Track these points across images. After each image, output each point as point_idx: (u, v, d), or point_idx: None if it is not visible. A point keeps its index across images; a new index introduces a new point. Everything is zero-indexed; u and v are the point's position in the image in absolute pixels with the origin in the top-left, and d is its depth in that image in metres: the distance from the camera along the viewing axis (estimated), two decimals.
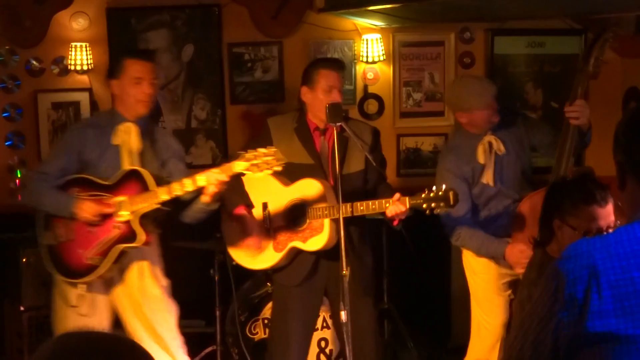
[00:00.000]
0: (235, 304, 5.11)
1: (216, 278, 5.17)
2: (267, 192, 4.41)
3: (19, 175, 5.71)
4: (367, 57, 6.15)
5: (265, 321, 5.11)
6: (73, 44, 5.80)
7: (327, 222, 4.22)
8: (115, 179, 4.16)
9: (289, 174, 4.33)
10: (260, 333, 5.12)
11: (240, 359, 5.10)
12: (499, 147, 4.63)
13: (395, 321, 5.59)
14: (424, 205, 4.07)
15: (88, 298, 4.22)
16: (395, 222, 4.22)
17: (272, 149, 3.89)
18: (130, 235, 4.10)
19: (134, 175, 4.15)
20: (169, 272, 5.87)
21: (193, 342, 5.67)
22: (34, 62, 5.83)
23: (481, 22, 6.24)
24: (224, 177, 3.93)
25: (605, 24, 4.28)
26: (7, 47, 5.79)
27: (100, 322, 4.24)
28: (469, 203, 4.62)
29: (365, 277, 4.49)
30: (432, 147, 6.41)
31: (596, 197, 3.30)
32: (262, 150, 3.88)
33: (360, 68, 6.24)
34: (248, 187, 4.41)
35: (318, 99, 4.31)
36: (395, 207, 4.08)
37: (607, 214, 3.27)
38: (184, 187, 3.99)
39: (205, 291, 5.22)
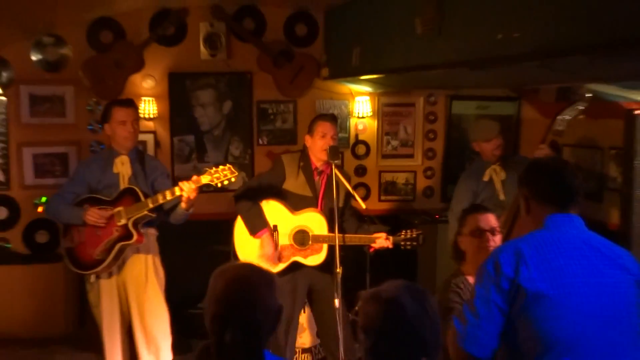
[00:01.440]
0: None
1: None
2: (278, 217, 4.37)
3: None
4: (358, 113, 6.19)
5: None
6: (143, 98, 5.82)
7: (325, 245, 4.22)
8: (114, 196, 4.18)
9: (292, 202, 4.34)
10: None
11: None
12: (500, 174, 4.69)
13: None
14: (402, 243, 4.23)
15: (96, 286, 4.24)
16: (372, 250, 4.27)
17: (228, 166, 4.01)
18: (126, 235, 4.12)
19: (129, 192, 4.17)
20: (200, 267, 5.84)
21: None
22: None
23: (442, 89, 6.26)
24: (194, 187, 3.95)
25: (576, 97, 4.27)
26: (94, 99, 5.82)
27: (110, 310, 4.25)
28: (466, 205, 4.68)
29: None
30: (405, 180, 6.41)
31: (477, 208, 3.33)
32: (221, 167, 3.99)
33: (353, 121, 6.26)
34: (266, 212, 4.37)
35: (315, 143, 4.29)
36: (383, 242, 4.20)
37: (487, 219, 3.21)
38: (165, 197, 4.03)
39: None
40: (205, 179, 3.97)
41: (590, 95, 4.09)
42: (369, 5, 4.86)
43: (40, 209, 5.79)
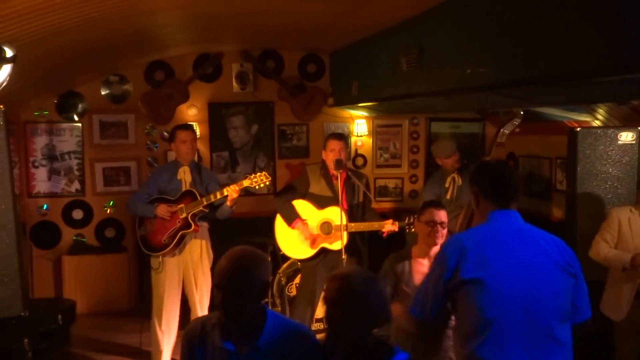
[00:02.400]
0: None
1: (269, 259, 5.11)
2: (307, 213, 4.43)
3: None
4: (357, 132, 6.19)
5: (297, 285, 5.05)
6: (188, 123, 5.85)
7: (345, 233, 4.23)
8: (177, 195, 4.30)
9: (317, 202, 4.40)
10: (293, 292, 5.08)
11: (282, 307, 5.10)
12: (458, 181, 4.77)
13: None
14: (406, 227, 4.24)
15: (162, 263, 4.29)
16: (385, 234, 4.31)
17: (264, 173, 4.21)
18: (186, 226, 4.25)
19: (188, 193, 4.29)
20: None
21: None
22: (165, 134, 5.85)
23: (423, 113, 6.27)
24: (237, 189, 4.13)
25: (513, 115, 4.31)
26: (150, 125, 5.87)
27: (171, 279, 4.33)
28: None
29: (360, 261, 4.53)
30: (394, 185, 6.41)
31: (434, 204, 3.25)
32: (258, 173, 4.20)
33: (353, 139, 6.26)
34: (297, 209, 4.45)
35: (328, 156, 4.35)
36: (390, 227, 4.23)
37: (440, 215, 3.14)
38: (215, 196, 4.18)
39: None
40: (246, 183, 4.18)
41: (522, 112, 4.16)
42: (365, 48, 4.91)
43: (108, 211, 5.88)
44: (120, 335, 5.18)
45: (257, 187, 4.22)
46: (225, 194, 4.15)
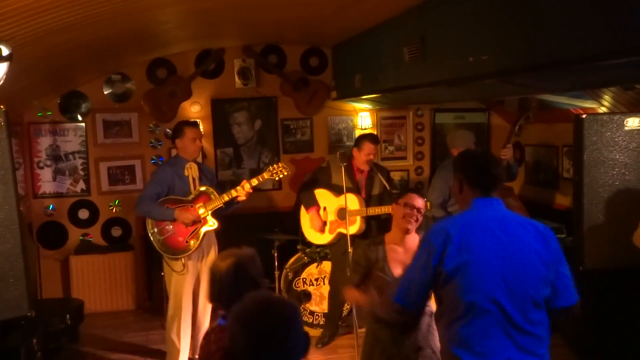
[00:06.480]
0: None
1: (275, 255, 5.13)
2: (327, 200, 4.71)
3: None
4: (361, 125, 6.16)
5: (303, 279, 5.04)
6: (191, 120, 5.85)
7: (359, 218, 4.52)
8: (193, 196, 4.23)
9: (339, 190, 4.53)
10: (300, 286, 5.06)
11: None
12: None
13: None
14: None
15: (186, 265, 4.21)
16: None
17: (281, 164, 4.37)
18: (208, 223, 4.23)
19: (203, 192, 4.23)
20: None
21: None
22: (169, 131, 5.84)
23: (427, 104, 6.25)
24: (256, 183, 4.25)
25: (529, 106, 4.37)
26: (154, 123, 5.87)
27: (190, 282, 4.25)
28: (443, 196, 4.68)
29: None
30: (400, 177, 6.37)
31: (416, 191, 3.21)
32: (275, 165, 4.34)
33: (357, 132, 6.15)
34: (318, 197, 4.73)
35: (360, 157, 4.61)
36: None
37: (419, 202, 3.10)
38: (237, 191, 4.21)
39: (270, 262, 5.20)
40: (267, 175, 4.29)
41: (536, 105, 4.14)
42: (367, 40, 4.89)
43: (114, 210, 5.89)
44: (128, 333, 5.19)
45: (277, 177, 4.35)
46: (252, 185, 4.21)
